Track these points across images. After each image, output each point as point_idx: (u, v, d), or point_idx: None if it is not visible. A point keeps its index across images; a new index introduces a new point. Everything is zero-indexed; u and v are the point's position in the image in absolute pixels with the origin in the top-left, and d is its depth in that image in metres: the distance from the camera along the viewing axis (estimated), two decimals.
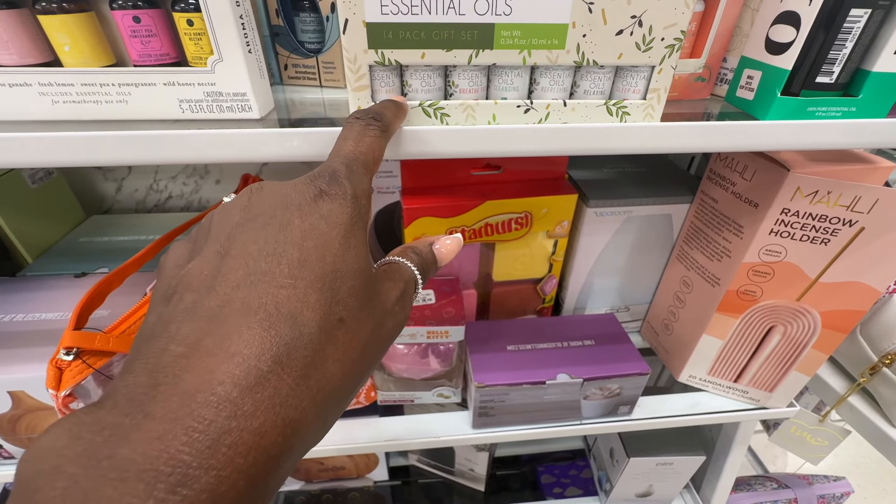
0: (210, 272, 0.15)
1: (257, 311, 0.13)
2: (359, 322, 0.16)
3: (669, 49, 0.25)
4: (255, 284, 0.14)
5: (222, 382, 0.12)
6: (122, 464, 0.10)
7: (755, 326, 0.44)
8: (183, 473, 0.10)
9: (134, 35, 0.24)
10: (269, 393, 0.12)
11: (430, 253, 0.22)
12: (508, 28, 0.24)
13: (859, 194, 0.35)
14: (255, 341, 0.13)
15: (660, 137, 0.27)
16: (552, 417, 0.47)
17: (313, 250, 0.15)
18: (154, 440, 0.11)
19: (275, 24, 0.34)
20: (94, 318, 0.38)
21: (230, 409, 0.11)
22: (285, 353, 0.13)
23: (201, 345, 0.12)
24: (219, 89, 0.26)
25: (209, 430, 0.11)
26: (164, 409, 0.11)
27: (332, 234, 0.16)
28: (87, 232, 0.54)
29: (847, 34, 0.26)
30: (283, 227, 0.15)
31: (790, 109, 0.28)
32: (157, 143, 0.24)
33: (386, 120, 0.22)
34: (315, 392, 0.14)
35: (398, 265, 0.20)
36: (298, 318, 0.14)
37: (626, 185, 0.48)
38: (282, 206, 0.16)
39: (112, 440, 0.11)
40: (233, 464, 0.11)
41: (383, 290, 0.18)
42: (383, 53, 0.24)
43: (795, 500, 0.70)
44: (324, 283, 0.15)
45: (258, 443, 0.12)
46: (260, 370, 0.12)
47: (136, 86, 0.25)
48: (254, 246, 0.15)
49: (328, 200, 0.17)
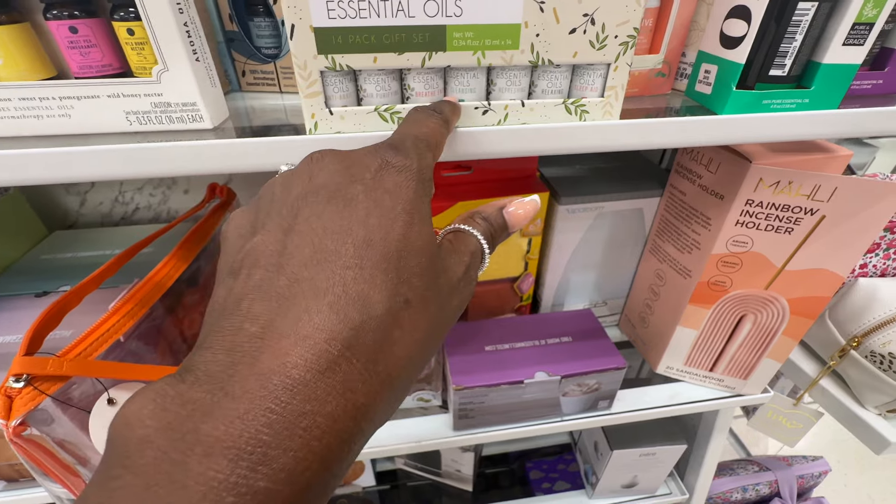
0: (276, 248, 0.14)
1: (326, 293, 0.13)
2: (424, 302, 0.15)
3: (623, 46, 0.25)
4: (322, 264, 0.14)
5: (296, 366, 0.12)
6: (206, 439, 0.11)
7: (727, 316, 0.44)
8: (263, 453, 0.11)
9: (72, 46, 0.23)
10: (340, 378, 0.12)
11: (500, 218, 0.20)
12: (460, 29, 0.23)
13: (819, 183, 0.35)
14: (325, 325, 0.13)
15: (618, 135, 0.27)
16: (533, 415, 0.47)
17: (378, 228, 0.15)
18: (236, 419, 0.11)
19: (229, 30, 0.33)
20: (56, 338, 0.36)
21: (305, 393, 0.12)
22: (354, 338, 0.13)
23: (274, 326, 0.13)
24: (166, 100, 0.25)
25: (286, 413, 0.11)
26: (243, 389, 0.11)
27: (397, 209, 0.15)
28: (50, 248, 0.52)
29: (796, 27, 0.26)
30: (347, 203, 0.15)
31: (745, 103, 0.28)
32: (98, 159, 0.23)
33: (446, 114, 0.22)
34: (383, 377, 0.14)
35: (464, 235, 0.19)
36: (366, 302, 0.13)
37: (597, 181, 0.48)
38: (346, 178, 0.16)
39: (195, 415, 0.11)
40: (308, 446, 0.11)
41: (449, 266, 0.17)
42: (334, 59, 0.23)
43: (776, 481, 0.72)
44: (389, 264, 0.14)
45: (331, 427, 0.12)
46: (331, 354, 0.12)
47: (79, 98, 0.24)
48: (318, 222, 0.15)
49: (393, 172, 0.16)
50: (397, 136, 0.19)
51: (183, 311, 0.46)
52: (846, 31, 0.26)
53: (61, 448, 0.27)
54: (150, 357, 0.39)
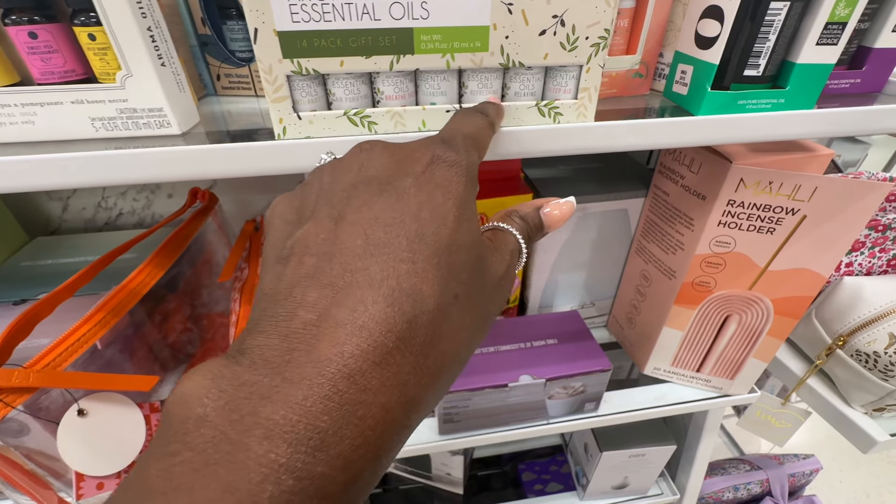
0: (327, 237, 0.14)
1: (380, 285, 0.13)
2: (471, 299, 0.15)
3: (595, 48, 0.25)
4: (375, 255, 0.14)
5: (353, 356, 0.12)
6: (266, 423, 0.11)
7: (711, 317, 0.44)
8: (320, 439, 0.11)
9: (32, 52, 0.23)
10: (394, 370, 0.13)
11: (537, 217, 0.20)
12: (428, 32, 0.23)
13: (799, 183, 0.35)
14: (381, 317, 0.13)
15: (592, 137, 0.27)
16: (519, 418, 0.47)
17: (429, 223, 0.15)
18: (295, 405, 0.11)
19: (202, 34, 0.32)
20: (33, 346, 0.36)
21: (361, 383, 0.12)
22: (407, 331, 0.13)
23: (330, 314, 0.13)
24: (132, 105, 0.24)
25: (343, 402, 0.11)
26: (301, 376, 0.12)
27: (448, 205, 0.15)
28: (30, 255, 0.51)
29: (769, 27, 0.26)
30: (399, 196, 0.15)
31: (721, 103, 0.28)
32: (60, 167, 0.23)
33: (491, 115, 0.21)
34: (433, 371, 0.14)
35: (503, 234, 0.19)
36: (419, 296, 0.13)
37: (582, 181, 0.48)
38: (397, 170, 0.16)
39: (253, 398, 0.11)
40: (363, 435, 0.12)
41: (492, 264, 0.17)
42: (300, 63, 0.23)
43: (767, 480, 0.72)
44: (440, 259, 0.14)
45: (384, 417, 0.12)
46: (386, 346, 0.12)
47: (42, 105, 0.24)
48: (370, 213, 0.15)
49: (443, 167, 0.16)
50: (447, 132, 0.19)
51: (164, 317, 0.45)
52: (819, 31, 0.26)
53: (30, 460, 0.27)
54: (128, 365, 0.39)
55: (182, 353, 0.48)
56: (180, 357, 0.47)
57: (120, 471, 0.29)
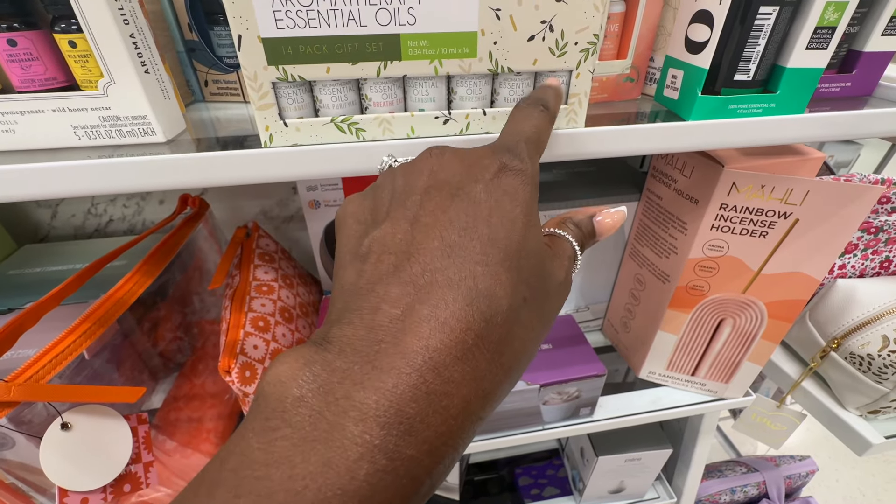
0: (404, 237, 0.15)
1: (459, 285, 0.14)
2: (538, 302, 0.16)
3: (584, 53, 0.25)
4: (452, 257, 0.14)
5: (437, 350, 0.13)
6: (360, 406, 0.12)
7: (706, 320, 0.44)
8: (409, 425, 0.12)
9: (12, 59, 0.22)
10: (472, 365, 0.13)
11: (590, 225, 0.21)
12: (415, 38, 0.23)
13: (791, 187, 0.35)
14: (462, 315, 0.13)
15: (582, 143, 0.27)
16: (514, 424, 0.46)
17: (500, 228, 0.15)
18: (386, 391, 0.12)
19: (189, 39, 0.32)
20: (19, 357, 0.35)
21: (445, 375, 0.13)
22: (485, 330, 0.14)
23: (414, 310, 0.13)
24: (115, 113, 0.24)
25: (429, 391, 0.12)
26: (390, 365, 0.12)
27: (516, 212, 0.16)
28: (18, 263, 0.51)
29: (759, 31, 0.26)
30: (471, 202, 0.16)
31: (712, 108, 0.28)
32: (35, 177, 0.22)
33: (551, 105, 0.22)
34: (505, 368, 0.15)
35: (560, 240, 0.19)
36: (494, 297, 0.14)
37: (575, 185, 0.48)
38: (467, 177, 0.16)
39: (346, 383, 0.12)
40: (447, 423, 0.13)
41: (553, 269, 0.18)
42: (285, 69, 0.22)
43: (764, 482, 0.72)
44: (511, 263, 0.15)
45: (465, 408, 0.13)
46: (466, 343, 0.13)
47: (22, 113, 0.23)
48: (444, 216, 0.15)
49: (511, 176, 0.17)
50: (510, 138, 0.19)
51: (153, 325, 0.45)
52: (809, 36, 0.26)
53: (11, 474, 0.26)
54: (116, 374, 0.38)
55: (172, 361, 0.47)
56: (171, 366, 0.47)
57: (105, 485, 0.29)
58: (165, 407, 0.44)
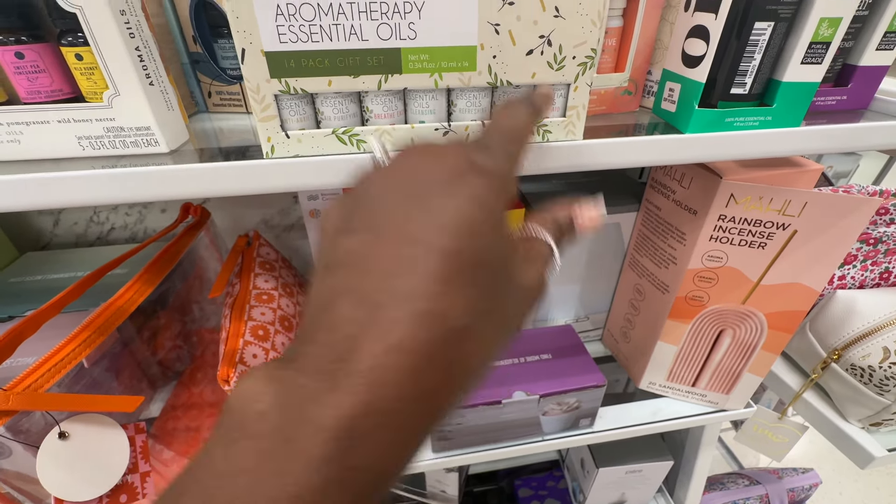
0: (363, 251, 0.15)
1: (410, 304, 0.14)
2: (501, 312, 0.16)
3: (582, 67, 0.25)
4: (404, 275, 0.14)
5: (388, 369, 0.13)
6: (315, 422, 0.13)
7: (705, 331, 0.44)
8: (360, 440, 0.13)
9: (18, 72, 0.23)
10: (424, 385, 0.14)
11: (571, 227, 0.21)
12: (416, 52, 0.23)
13: (789, 198, 0.35)
14: (411, 335, 0.14)
15: (580, 155, 0.27)
16: (513, 435, 0.46)
17: (458, 238, 0.15)
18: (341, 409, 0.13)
19: (193, 52, 0.33)
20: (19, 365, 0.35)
21: (396, 394, 0.13)
22: (436, 350, 0.14)
23: (366, 331, 0.14)
24: (119, 124, 0.24)
25: (378, 409, 0.13)
26: (346, 384, 0.13)
27: (481, 218, 0.15)
28: (19, 271, 0.51)
29: (754, 46, 0.26)
30: (431, 210, 0.15)
31: (709, 121, 0.28)
32: (41, 187, 0.23)
33: (538, 106, 0.21)
34: (458, 384, 0.15)
35: (535, 243, 0.19)
36: (446, 316, 0.14)
37: (575, 196, 0.48)
38: (433, 182, 0.16)
39: (305, 400, 0.13)
40: (394, 438, 0.14)
41: (524, 276, 0.17)
42: (287, 82, 0.23)
43: (766, 495, 0.71)
44: (474, 275, 0.15)
45: (416, 423, 0.14)
46: (417, 364, 0.14)
47: (28, 124, 0.24)
48: (404, 227, 0.15)
49: (478, 177, 0.16)
50: (488, 135, 0.18)
51: (153, 333, 0.45)
52: (804, 50, 0.26)
53: (6, 484, 0.26)
54: (115, 383, 0.38)
55: (171, 370, 0.47)
56: (169, 374, 0.47)
57: (101, 496, 0.28)
58: (163, 416, 0.44)
